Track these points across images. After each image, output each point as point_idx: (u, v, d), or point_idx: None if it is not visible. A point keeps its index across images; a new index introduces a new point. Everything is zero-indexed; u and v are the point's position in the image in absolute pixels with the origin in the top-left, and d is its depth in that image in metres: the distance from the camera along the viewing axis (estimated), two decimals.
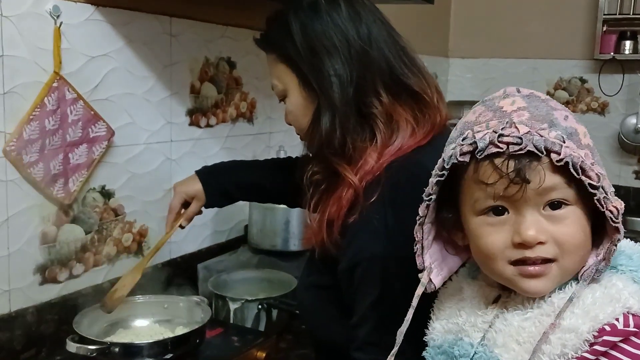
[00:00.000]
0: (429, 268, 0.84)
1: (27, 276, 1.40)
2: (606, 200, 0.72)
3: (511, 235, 0.73)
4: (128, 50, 1.60)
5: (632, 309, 0.72)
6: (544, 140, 0.70)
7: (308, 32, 1.08)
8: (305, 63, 1.09)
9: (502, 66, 3.43)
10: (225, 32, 1.93)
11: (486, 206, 0.75)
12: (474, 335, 0.80)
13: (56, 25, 1.39)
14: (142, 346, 1.22)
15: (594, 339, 0.71)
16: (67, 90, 1.42)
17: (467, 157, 0.74)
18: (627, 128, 3.09)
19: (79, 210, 1.50)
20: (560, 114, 0.75)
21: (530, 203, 0.72)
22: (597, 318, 0.71)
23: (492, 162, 0.72)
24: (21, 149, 1.33)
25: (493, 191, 0.72)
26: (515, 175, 0.70)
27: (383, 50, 1.09)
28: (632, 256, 0.79)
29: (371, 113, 1.06)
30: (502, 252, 0.74)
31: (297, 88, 1.12)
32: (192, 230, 1.88)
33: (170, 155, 1.77)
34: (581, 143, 0.73)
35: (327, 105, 1.07)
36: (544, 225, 0.72)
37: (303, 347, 1.52)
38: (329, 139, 1.07)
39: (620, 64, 3.08)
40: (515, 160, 0.71)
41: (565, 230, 0.73)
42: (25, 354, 1.38)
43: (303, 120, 1.13)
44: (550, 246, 0.73)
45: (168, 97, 1.74)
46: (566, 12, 3.26)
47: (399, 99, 1.08)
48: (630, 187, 3.20)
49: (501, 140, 0.71)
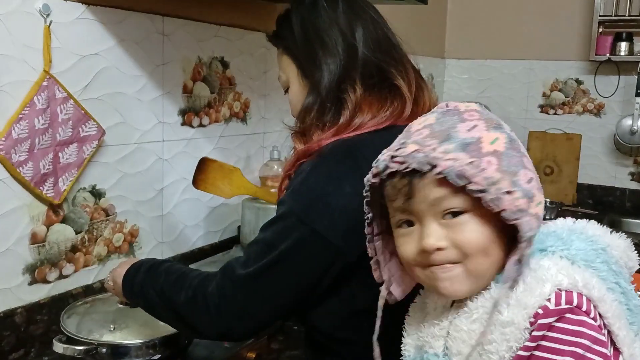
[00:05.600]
0: (387, 281, 0.89)
1: (16, 276, 1.39)
2: (498, 201, 0.73)
3: (417, 244, 0.79)
4: (119, 49, 1.59)
5: (562, 285, 0.73)
6: (425, 156, 0.76)
7: (305, 26, 1.19)
8: (302, 53, 1.19)
9: (498, 67, 3.44)
10: (218, 31, 1.92)
11: (398, 219, 0.82)
12: (436, 345, 0.83)
13: (46, 24, 1.38)
14: (130, 347, 1.21)
15: (531, 326, 0.72)
16: (57, 89, 1.41)
17: (378, 179, 0.82)
18: (623, 129, 3.08)
19: (69, 210, 1.49)
20: (466, 125, 0.78)
21: (428, 214, 0.78)
22: (529, 304, 0.73)
23: (391, 181, 0.80)
24: (10, 148, 1.32)
25: (397, 206, 0.80)
26: (406, 192, 0.78)
27: (372, 48, 1.16)
28: (561, 235, 0.80)
29: (343, 98, 1.13)
30: (414, 259, 0.80)
31: (297, 78, 1.21)
32: (184, 231, 1.87)
33: (162, 155, 1.76)
34: (481, 151, 0.75)
35: (313, 91, 1.16)
36: (443, 233, 0.77)
37: (294, 348, 1.51)
38: (303, 117, 1.16)
39: (616, 65, 3.09)
40: (406, 177, 0.78)
41: (464, 236, 0.77)
42: (13, 355, 1.37)
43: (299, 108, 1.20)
44: (450, 251, 0.77)
45: (160, 96, 1.73)
46: (562, 14, 3.26)
47: (373, 91, 1.14)
48: (626, 189, 3.20)
49: (394, 160, 0.79)
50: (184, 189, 1.85)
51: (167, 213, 1.81)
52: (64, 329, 1.24)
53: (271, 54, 2.17)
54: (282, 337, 1.57)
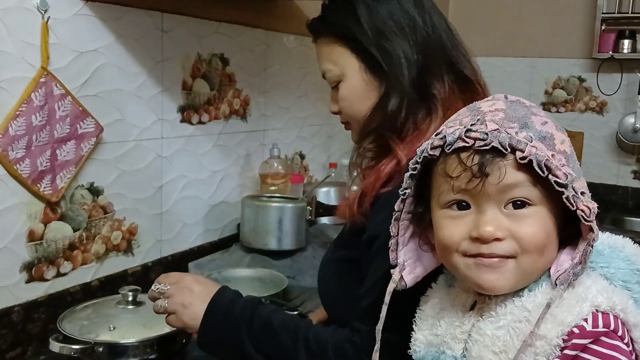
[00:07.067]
0: (401, 265, 0.84)
1: (13, 274, 1.38)
2: (576, 198, 0.71)
3: (469, 229, 0.74)
4: (118, 45, 1.58)
5: (601, 307, 0.71)
6: (509, 137, 0.71)
7: (376, 14, 1.08)
8: (374, 45, 1.07)
9: (500, 65, 3.41)
10: (218, 28, 1.91)
11: (450, 199, 0.76)
12: (455, 348, 0.79)
13: (44, 20, 1.37)
14: (128, 346, 1.20)
15: (564, 343, 0.69)
16: (55, 85, 1.40)
17: (437, 151, 0.75)
18: (626, 127, 3.07)
19: (67, 207, 1.48)
20: (539, 119, 0.75)
21: (491, 199, 0.72)
22: (565, 321, 0.70)
23: (458, 155, 0.73)
24: (7, 145, 1.31)
25: (456, 184, 0.74)
26: (477, 169, 0.72)
27: (443, 39, 1.10)
28: (602, 251, 0.78)
29: (432, 95, 1.06)
30: (458, 244, 0.75)
31: (358, 72, 1.10)
32: (183, 229, 1.86)
33: (161, 152, 1.75)
34: (555, 148, 0.73)
35: (396, 88, 1.06)
36: (503, 223, 0.72)
37: None
38: (392, 120, 1.06)
39: (618, 63, 3.07)
40: (480, 155, 0.72)
41: (526, 230, 0.72)
42: (10, 353, 1.36)
43: (360, 106, 1.11)
44: (507, 243, 0.72)
45: (159, 93, 1.72)
46: (565, 11, 3.24)
47: (455, 85, 1.09)
48: (629, 187, 3.18)
49: (468, 135, 0.72)
50: (183, 186, 1.84)
51: (166, 211, 1.79)
52: (61, 328, 1.23)
53: (271, 51, 2.16)
54: None
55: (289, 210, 1.90)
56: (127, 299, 1.32)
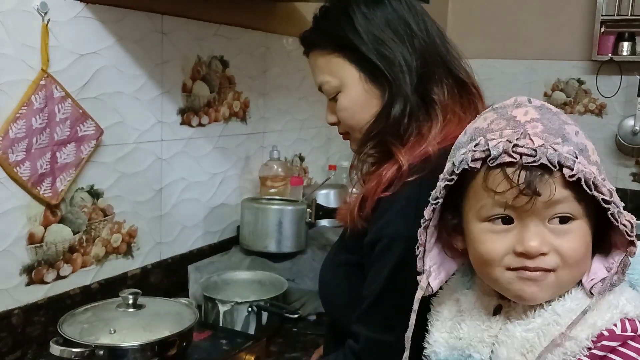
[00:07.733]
0: (427, 271, 0.84)
1: (13, 277, 1.37)
2: (620, 214, 0.72)
3: (513, 244, 0.74)
4: (118, 48, 1.57)
5: (629, 315, 0.74)
6: (557, 154, 0.70)
7: (373, 22, 1.08)
8: (374, 53, 1.07)
9: (499, 67, 3.41)
10: (218, 30, 1.91)
11: (493, 214, 0.75)
12: (483, 351, 0.80)
13: (44, 22, 1.37)
14: (128, 349, 1.20)
15: (592, 344, 0.73)
16: (55, 88, 1.39)
17: (479, 163, 0.74)
18: (625, 130, 3.07)
19: (67, 210, 1.48)
20: (571, 128, 0.75)
21: (536, 215, 0.73)
22: (596, 325, 0.73)
23: (504, 170, 0.72)
24: (7, 147, 1.31)
25: (502, 200, 0.73)
26: (525, 187, 0.71)
27: (438, 44, 1.11)
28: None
29: (433, 100, 1.06)
30: (501, 259, 0.75)
31: (358, 81, 1.10)
32: (183, 231, 1.86)
33: (160, 154, 1.75)
34: (590, 159, 0.74)
35: (399, 94, 1.06)
36: (547, 238, 0.73)
37: (294, 350, 1.50)
38: (395, 126, 1.06)
39: (618, 65, 3.07)
40: (527, 171, 0.71)
41: (569, 245, 0.73)
42: (10, 356, 1.36)
43: (361, 115, 1.11)
44: (551, 257, 0.73)
45: (159, 95, 1.72)
46: (564, 13, 3.24)
47: (453, 89, 1.09)
48: (628, 189, 3.18)
49: (515, 150, 0.71)
50: (182, 189, 1.84)
51: (166, 213, 1.79)
52: (61, 331, 1.23)
53: (271, 53, 2.16)
54: (281, 340, 1.56)
55: (289, 212, 1.90)
56: (128, 302, 1.32)
